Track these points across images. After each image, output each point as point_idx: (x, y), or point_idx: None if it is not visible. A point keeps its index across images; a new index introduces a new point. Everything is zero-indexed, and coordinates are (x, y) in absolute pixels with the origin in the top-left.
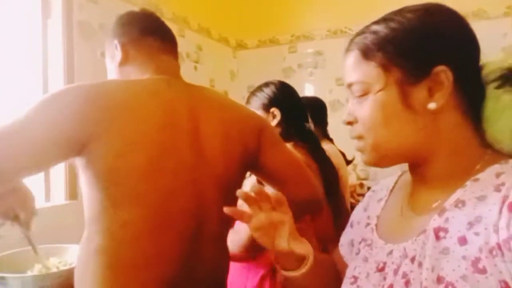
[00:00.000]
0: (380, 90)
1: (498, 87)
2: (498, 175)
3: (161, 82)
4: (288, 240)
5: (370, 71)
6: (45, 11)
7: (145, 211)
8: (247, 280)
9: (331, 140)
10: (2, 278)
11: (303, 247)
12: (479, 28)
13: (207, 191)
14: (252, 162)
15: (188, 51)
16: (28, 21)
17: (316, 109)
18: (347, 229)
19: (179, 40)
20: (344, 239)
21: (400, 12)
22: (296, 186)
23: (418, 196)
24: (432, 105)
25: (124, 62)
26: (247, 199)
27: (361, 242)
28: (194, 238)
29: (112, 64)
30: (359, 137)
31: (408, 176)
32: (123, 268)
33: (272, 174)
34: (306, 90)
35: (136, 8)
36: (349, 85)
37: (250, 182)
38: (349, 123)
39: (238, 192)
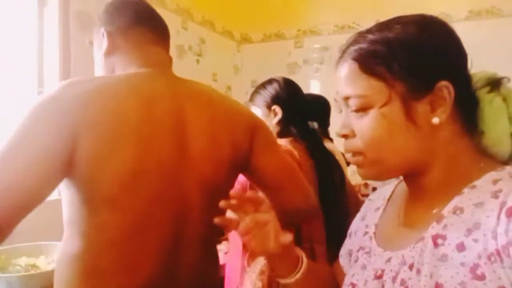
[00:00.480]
0: (384, 105)
1: (490, 91)
2: (495, 182)
3: (143, 77)
4: (276, 239)
5: (371, 85)
6: None
7: (123, 215)
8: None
9: (331, 140)
10: None
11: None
12: (493, 26)
13: (191, 194)
14: (243, 164)
15: (191, 44)
16: (24, 9)
17: (319, 107)
18: (346, 240)
19: (182, 32)
20: (343, 250)
21: (396, 22)
22: (289, 193)
23: (415, 204)
24: (435, 120)
25: (110, 51)
26: (230, 206)
27: (359, 250)
28: (175, 243)
29: (98, 54)
30: (357, 152)
31: (404, 185)
32: (99, 273)
33: (264, 179)
34: (312, 86)
35: None
36: (346, 98)
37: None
38: (345, 136)
39: (221, 204)
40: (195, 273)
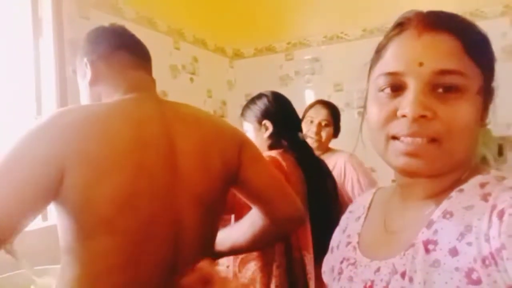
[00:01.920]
0: (478, 92)
1: None
2: (482, 185)
3: (131, 102)
4: None
5: (471, 67)
6: (37, 29)
7: (119, 240)
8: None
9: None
10: None
11: None
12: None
13: (186, 212)
14: (233, 178)
15: (184, 63)
16: (20, 40)
17: (338, 119)
18: (328, 255)
19: (174, 53)
20: (326, 265)
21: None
22: (277, 202)
23: (403, 210)
24: (487, 122)
25: (94, 80)
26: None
27: (342, 261)
28: (173, 261)
29: (83, 83)
30: (432, 139)
31: (385, 192)
32: None
33: (252, 191)
34: (306, 97)
35: (129, 23)
36: (440, 73)
37: None
38: (423, 117)
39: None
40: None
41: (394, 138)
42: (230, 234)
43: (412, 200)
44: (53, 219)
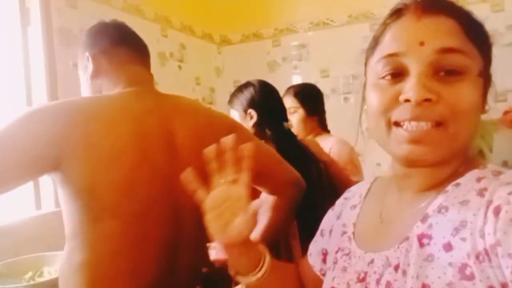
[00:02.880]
0: (479, 75)
1: None
2: (478, 179)
3: (132, 95)
4: (243, 225)
5: (471, 49)
6: (24, 19)
7: (123, 224)
8: None
9: (329, 132)
10: None
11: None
12: None
13: (184, 197)
14: None
15: (172, 51)
16: (7, 30)
17: (309, 98)
18: (317, 237)
19: (162, 40)
20: (314, 248)
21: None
22: (274, 173)
23: (399, 201)
24: (487, 108)
25: (96, 74)
26: (210, 161)
27: (338, 251)
28: (174, 245)
29: (84, 76)
30: (437, 122)
31: (382, 182)
32: (106, 281)
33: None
34: (293, 82)
35: (117, 11)
36: (443, 51)
37: None
38: (427, 101)
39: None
40: (191, 270)
41: (397, 125)
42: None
43: (408, 191)
44: (46, 207)
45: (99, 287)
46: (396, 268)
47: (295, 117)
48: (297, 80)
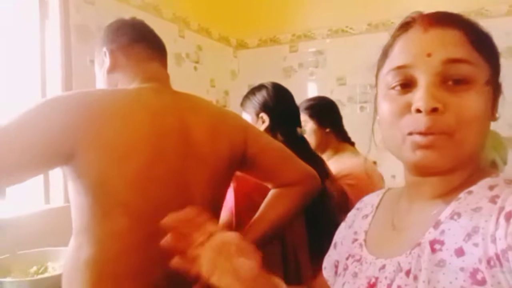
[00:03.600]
0: (487, 83)
1: None
2: (491, 187)
3: (149, 90)
4: (248, 266)
5: (477, 58)
6: (43, 12)
7: (134, 222)
8: None
9: (352, 144)
10: None
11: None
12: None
13: (196, 198)
14: (241, 160)
15: (188, 52)
16: (25, 22)
17: (319, 109)
18: (330, 251)
19: (179, 41)
20: (327, 261)
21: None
22: (283, 168)
23: (411, 209)
24: (497, 116)
25: (112, 69)
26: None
27: (348, 258)
28: None
29: (100, 72)
30: (443, 132)
31: (395, 193)
32: (111, 279)
33: (261, 167)
34: (308, 89)
35: (134, 9)
36: (450, 62)
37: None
38: (434, 110)
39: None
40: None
41: (410, 134)
42: (262, 215)
43: (420, 199)
44: (55, 202)
45: (105, 285)
46: (408, 273)
47: (307, 130)
48: (312, 87)
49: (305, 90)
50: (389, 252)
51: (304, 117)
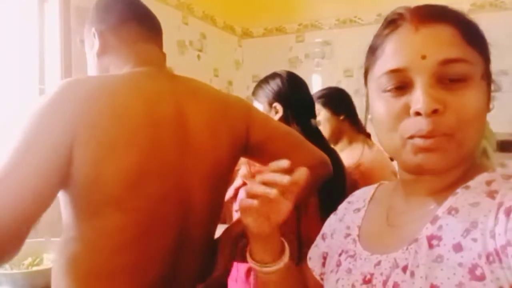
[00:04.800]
0: (482, 78)
1: None
2: (488, 183)
3: (142, 75)
4: (279, 214)
5: (472, 53)
6: None
7: (127, 219)
8: (237, 273)
9: (368, 135)
10: None
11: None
12: (497, 19)
13: (194, 192)
14: (244, 147)
15: (192, 40)
16: (25, 5)
17: (331, 97)
18: (318, 241)
19: (182, 28)
20: (314, 252)
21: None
22: (294, 154)
23: (406, 205)
24: (491, 106)
25: (102, 51)
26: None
27: (341, 253)
28: (180, 241)
29: (90, 54)
30: (445, 133)
31: (387, 187)
32: (102, 277)
33: (266, 149)
34: (313, 81)
35: None
36: (445, 62)
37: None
38: (435, 112)
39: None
40: (196, 269)
41: (411, 137)
42: None
43: (416, 195)
44: None
45: (94, 282)
46: (404, 269)
47: (321, 120)
48: (318, 78)
49: (311, 82)
50: (384, 248)
51: (317, 106)
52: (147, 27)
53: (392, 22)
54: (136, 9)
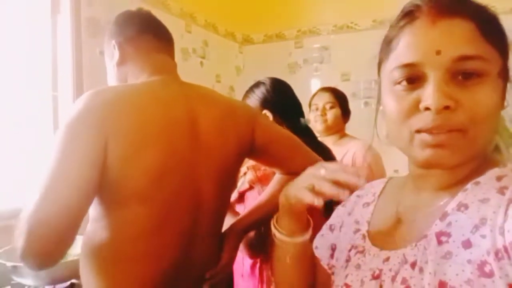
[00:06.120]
0: (498, 75)
1: None
2: (499, 178)
3: (158, 84)
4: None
5: (489, 50)
6: (55, 6)
7: (150, 208)
8: (243, 267)
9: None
10: (15, 267)
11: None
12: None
13: (205, 186)
14: (249, 149)
15: (195, 47)
16: (38, 16)
17: (343, 98)
18: (324, 231)
19: (186, 36)
20: (321, 241)
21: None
22: (293, 159)
23: (416, 200)
24: (506, 104)
25: (121, 61)
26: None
27: (351, 249)
28: (191, 233)
29: (110, 64)
30: (456, 129)
31: (397, 182)
32: (127, 262)
33: (270, 155)
34: (312, 85)
35: (143, 4)
36: (460, 59)
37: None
38: (446, 108)
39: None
40: (206, 258)
41: (419, 132)
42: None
43: (425, 190)
44: None
45: (121, 267)
46: (413, 265)
47: (333, 113)
48: (317, 82)
49: (310, 86)
50: (393, 244)
51: (331, 99)
52: (160, 39)
53: (408, 14)
54: (151, 22)
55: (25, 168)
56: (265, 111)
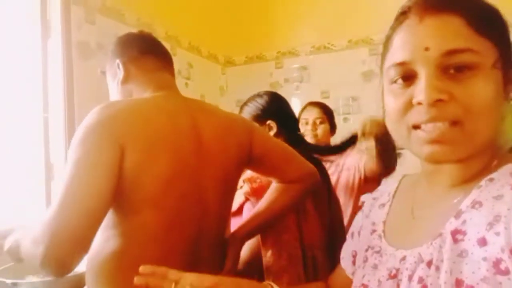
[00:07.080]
0: (494, 66)
1: None
2: None
3: (163, 97)
4: None
5: (479, 42)
6: (45, 30)
7: (161, 213)
8: None
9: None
10: (15, 284)
11: None
12: None
13: (209, 192)
14: (247, 158)
15: (180, 69)
16: (29, 40)
17: (331, 114)
18: (347, 241)
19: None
20: (345, 251)
21: None
22: (289, 168)
23: (430, 198)
24: None
25: (125, 80)
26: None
27: (368, 249)
28: (197, 239)
29: (114, 83)
30: (453, 122)
31: (411, 179)
32: (134, 269)
33: (267, 165)
34: (293, 103)
35: (131, 28)
36: (449, 53)
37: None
38: (439, 101)
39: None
40: (211, 261)
41: (416, 127)
42: (257, 207)
43: (439, 187)
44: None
45: (130, 274)
46: (429, 264)
47: (322, 128)
48: (296, 101)
49: (291, 104)
50: (409, 243)
51: (321, 114)
52: (161, 58)
53: (401, 14)
54: (152, 44)
55: (17, 188)
56: (270, 122)
